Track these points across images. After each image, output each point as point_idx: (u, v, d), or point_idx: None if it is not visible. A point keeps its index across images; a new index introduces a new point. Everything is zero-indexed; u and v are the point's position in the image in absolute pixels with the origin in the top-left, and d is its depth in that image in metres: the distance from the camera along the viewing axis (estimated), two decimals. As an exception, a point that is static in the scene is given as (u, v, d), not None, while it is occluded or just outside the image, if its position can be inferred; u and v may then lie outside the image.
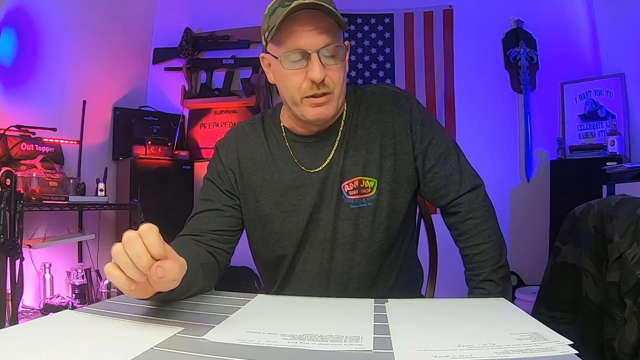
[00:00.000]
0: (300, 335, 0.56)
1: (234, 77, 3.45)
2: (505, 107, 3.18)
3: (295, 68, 0.86)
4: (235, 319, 0.66)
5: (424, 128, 0.97)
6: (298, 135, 0.98)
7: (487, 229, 0.95)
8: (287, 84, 0.89)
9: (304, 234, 0.96)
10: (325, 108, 0.89)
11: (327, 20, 0.83)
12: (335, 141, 0.96)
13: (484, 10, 3.22)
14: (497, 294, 0.90)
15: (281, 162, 0.97)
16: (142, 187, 2.83)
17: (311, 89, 0.86)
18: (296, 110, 0.91)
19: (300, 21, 0.83)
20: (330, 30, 0.84)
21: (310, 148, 0.97)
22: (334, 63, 0.86)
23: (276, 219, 0.96)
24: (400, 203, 0.96)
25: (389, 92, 1.00)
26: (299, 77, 0.86)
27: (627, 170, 2.11)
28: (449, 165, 0.97)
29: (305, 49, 0.84)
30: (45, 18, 2.65)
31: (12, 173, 1.78)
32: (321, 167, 0.95)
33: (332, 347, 0.53)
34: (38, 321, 0.63)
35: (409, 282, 1.06)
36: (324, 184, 0.95)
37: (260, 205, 0.97)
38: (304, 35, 0.83)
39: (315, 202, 0.95)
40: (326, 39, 0.84)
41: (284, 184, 0.96)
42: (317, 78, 0.84)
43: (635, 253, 0.88)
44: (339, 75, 0.88)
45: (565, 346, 0.50)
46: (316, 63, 0.84)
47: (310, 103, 0.88)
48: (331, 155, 0.95)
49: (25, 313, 2.25)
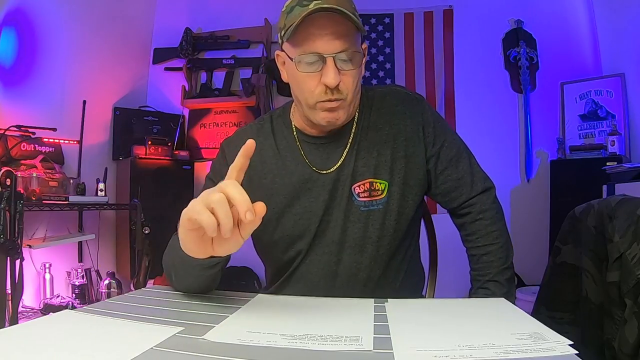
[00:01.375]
0: (300, 335, 0.56)
1: (234, 77, 3.45)
2: (505, 107, 3.18)
3: (310, 71, 0.84)
4: (235, 319, 0.66)
5: (436, 131, 0.97)
6: (309, 136, 0.97)
7: (496, 230, 0.95)
8: (301, 86, 0.87)
9: (315, 236, 0.95)
10: (337, 113, 0.87)
11: (345, 25, 0.81)
12: (347, 143, 0.95)
13: (484, 10, 3.22)
14: (501, 295, 0.90)
15: (292, 163, 0.96)
16: (142, 187, 2.83)
17: (325, 94, 0.85)
18: (308, 113, 0.90)
19: (318, 24, 0.81)
20: (347, 35, 0.82)
21: (321, 149, 0.96)
22: (350, 68, 0.84)
23: (288, 223, 0.95)
24: (409, 206, 0.96)
25: (400, 93, 0.99)
26: (313, 81, 0.85)
27: (627, 170, 2.11)
28: (461, 168, 0.97)
29: (321, 53, 0.82)
30: (45, 18, 2.65)
31: (12, 173, 1.78)
32: (333, 169, 0.94)
33: (332, 347, 0.53)
34: (38, 321, 0.63)
35: (413, 284, 1.06)
36: (335, 186, 0.94)
37: (271, 209, 0.96)
38: (321, 39, 0.81)
39: (327, 203, 0.94)
40: (343, 44, 0.82)
41: (295, 185, 0.95)
42: (331, 84, 0.82)
43: (635, 253, 0.88)
44: (353, 80, 0.86)
45: (565, 346, 0.50)
46: (331, 68, 0.82)
47: (322, 107, 0.87)
48: (343, 157, 0.94)
49: (25, 313, 2.25)
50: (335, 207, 0.94)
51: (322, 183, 0.94)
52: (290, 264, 0.98)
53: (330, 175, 0.94)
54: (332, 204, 0.94)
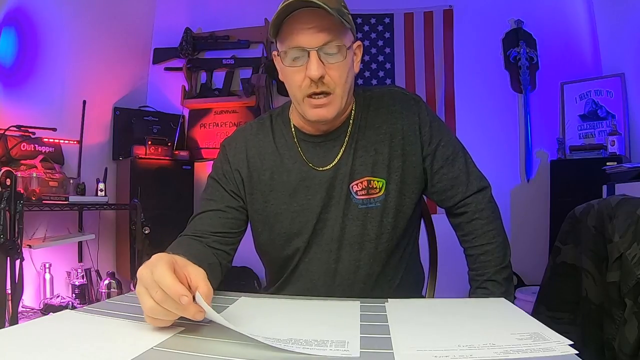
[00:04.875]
0: (284, 340, 0.54)
1: (234, 77, 3.45)
2: (505, 107, 3.18)
3: (296, 65, 0.86)
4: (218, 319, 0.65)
5: (433, 130, 0.97)
6: (307, 134, 0.98)
7: (493, 229, 0.96)
8: (289, 81, 0.89)
9: (312, 233, 0.95)
10: (326, 110, 0.88)
11: (328, 18, 0.83)
12: (344, 141, 0.96)
13: (484, 11, 3.22)
14: (500, 295, 0.90)
15: (289, 161, 0.97)
16: (142, 187, 2.83)
17: (310, 87, 0.86)
18: (299, 109, 0.92)
19: (301, 19, 0.83)
20: (331, 28, 0.84)
21: (319, 147, 0.97)
22: (336, 61, 0.86)
23: (285, 220, 0.96)
24: (407, 204, 0.97)
25: (397, 94, 1.00)
26: (299, 75, 0.87)
27: (627, 170, 2.10)
28: (457, 167, 0.98)
29: (304, 47, 0.84)
30: (45, 18, 2.65)
31: (12, 173, 1.78)
32: (329, 167, 0.95)
33: (317, 351, 0.51)
34: (38, 321, 0.63)
35: (412, 282, 1.06)
36: (333, 184, 0.95)
37: (270, 205, 0.97)
38: (304, 33, 0.83)
39: (324, 201, 0.95)
40: (326, 37, 0.83)
41: (292, 183, 0.96)
42: (314, 76, 0.84)
43: (635, 253, 0.88)
44: (340, 74, 0.87)
45: (565, 346, 0.50)
46: (314, 61, 0.83)
47: (310, 104, 0.88)
48: (340, 155, 0.95)
49: (25, 313, 2.25)
50: (333, 205, 0.95)
51: (319, 181, 0.95)
52: (289, 262, 0.99)
53: (327, 172, 0.95)
54: (330, 202, 0.95)
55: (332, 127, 0.96)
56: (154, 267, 0.57)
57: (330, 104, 0.88)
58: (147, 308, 0.57)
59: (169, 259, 0.59)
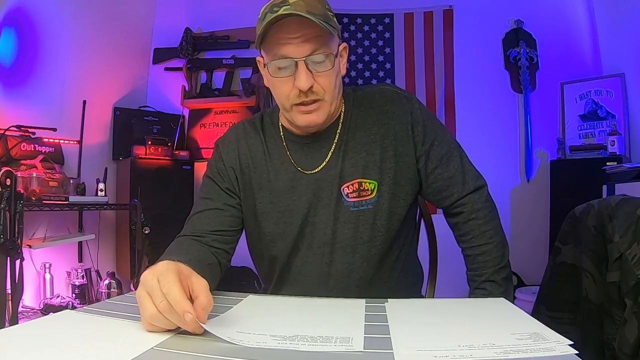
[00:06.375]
0: (290, 336, 0.56)
1: (234, 77, 3.45)
2: (505, 107, 3.18)
3: (283, 76, 0.85)
4: (225, 318, 0.66)
5: (426, 129, 0.96)
6: (295, 136, 0.97)
7: (490, 229, 0.95)
8: (276, 90, 0.89)
9: (299, 235, 0.95)
10: (316, 115, 0.88)
11: (314, 27, 0.81)
12: (333, 143, 0.95)
13: (484, 10, 3.22)
14: (499, 295, 0.90)
15: (277, 161, 0.97)
16: (142, 187, 2.83)
17: (299, 97, 0.86)
18: (287, 116, 0.92)
19: (287, 29, 0.81)
20: (318, 37, 0.83)
21: (307, 149, 0.96)
22: (324, 70, 0.85)
23: (271, 219, 0.96)
24: (400, 205, 0.96)
25: (389, 92, 0.99)
26: (287, 85, 0.86)
27: (627, 170, 2.10)
28: (452, 167, 0.97)
29: (291, 57, 0.83)
30: (45, 18, 2.65)
31: (12, 173, 1.78)
32: (317, 169, 0.94)
33: (322, 347, 0.52)
34: (38, 321, 0.63)
35: (409, 283, 1.06)
36: (320, 186, 0.94)
37: (257, 204, 0.97)
38: (290, 43, 0.82)
39: (311, 203, 0.94)
40: (313, 46, 0.82)
41: (279, 184, 0.95)
42: (303, 87, 0.83)
43: (635, 253, 0.88)
44: (330, 81, 0.86)
45: (565, 346, 0.50)
46: (303, 71, 0.83)
47: (299, 110, 0.88)
48: (328, 157, 0.94)
49: (25, 313, 2.25)
50: (322, 208, 0.94)
51: (305, 182, 0.94)
52: (274, 262, 0.99)
53: (315, 175, 0.94)
54: (318, 204, 0.94)
55: (321, 128, 0.95)
56: (161, 275, 0.58)
57: (320, 109, 0.88)
58: (148, 315, 0.57)
59: (177, 270, 0.60)
